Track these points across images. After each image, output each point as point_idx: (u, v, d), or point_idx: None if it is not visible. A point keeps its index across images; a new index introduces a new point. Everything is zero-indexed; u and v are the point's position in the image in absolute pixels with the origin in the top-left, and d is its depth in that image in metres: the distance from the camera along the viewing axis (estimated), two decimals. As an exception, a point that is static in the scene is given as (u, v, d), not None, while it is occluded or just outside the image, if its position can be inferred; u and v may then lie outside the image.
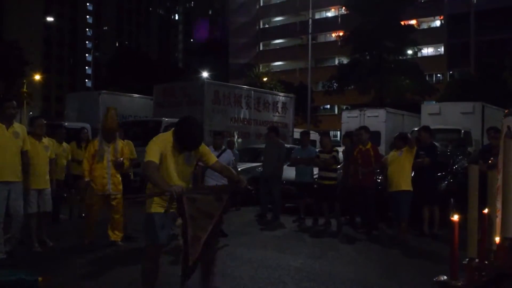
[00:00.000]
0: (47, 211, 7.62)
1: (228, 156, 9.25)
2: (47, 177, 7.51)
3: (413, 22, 44.71)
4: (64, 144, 9.90)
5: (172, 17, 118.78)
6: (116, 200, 7.79)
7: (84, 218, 8.78)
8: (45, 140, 7.69)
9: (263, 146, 12.43)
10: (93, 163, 7.74)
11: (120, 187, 7.85)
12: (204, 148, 4.90)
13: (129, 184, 8.89)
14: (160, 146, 4.62)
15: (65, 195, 10.29)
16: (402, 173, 8.75)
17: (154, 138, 4.77)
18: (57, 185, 9.15)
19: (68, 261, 6.92)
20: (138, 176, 10.39)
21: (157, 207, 4.65)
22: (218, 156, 8.28)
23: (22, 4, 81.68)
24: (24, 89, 51.79)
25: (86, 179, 7.76)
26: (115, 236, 7.80)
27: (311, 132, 23.06)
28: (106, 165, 7.71)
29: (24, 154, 6.82)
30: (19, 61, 50.94)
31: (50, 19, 77.87)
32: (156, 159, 4.53)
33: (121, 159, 7.78)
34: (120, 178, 7.88)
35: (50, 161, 7.66)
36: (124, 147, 8.11)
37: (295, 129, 19.99)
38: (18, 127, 6.82)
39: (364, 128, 9.93)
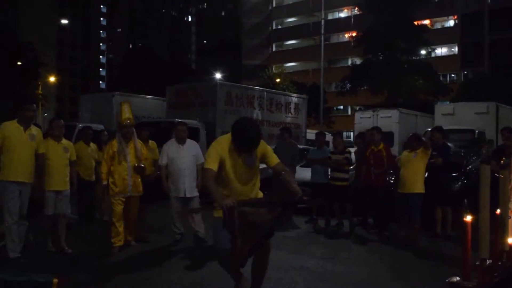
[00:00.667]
0: (64, 214, 7.48)
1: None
2: (67, 178, 7.43)
3: (427, 22, 44.51)
4: (92, 144, 9.87)
5: (185, 18, 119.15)
6: (134, 201, 7.70)
7: (106, 222, 8.70)
8: (65, 142, 7.60)
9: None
10: (112, 164, 7.57)
11: (141, 188, 7.73)
12: (266, 149, 4.76)
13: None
14: (218, 150, 4.56)
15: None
16: (415, 175, 8.71)
17: (213, 142, 4.75)
18: (88, 185, 9.20)
19: (85, 264, 6.85)
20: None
21: (220, 211, 4.51)
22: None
23: (36, 6, 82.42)
24: (39, 91, 52.25)
25: (104, 182, 7.65)
26: (129, 236, 7.79)
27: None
28: (126, 166, 7.53)
29: (39, 157, 6.89)
30: (33, 63, 51.39)
31: (64, 21, 78.41)
32: (213, 166, 4.47)
33: (142, 164, 7.58)
34: (140, 180, 7.76)
35: (70, 163, 7.54)
36: (142, 146, 7.95)
37: (308, 130, 20.00)
38: (35, 130, 6.94)
39: (376, 129, 9.90)
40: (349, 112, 53.79)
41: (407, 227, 9.00)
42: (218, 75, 50.34)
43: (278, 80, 44.98)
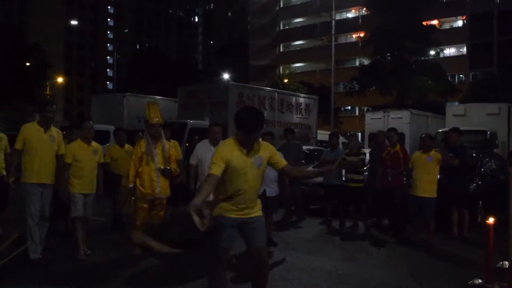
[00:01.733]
0: (88, 217, 7.39)
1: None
2: (95, 182, 7.35)
3: (435, 22, 44.39)
4: (127, 146, 9.33)
5: (192, 19, 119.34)
6: (160, 205, 7.37)
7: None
8: (94, 144, 7.47)
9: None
10: (140, 165, 7.19)
11: (168, 191, 7.34)
12: (273, 151, 4.80)
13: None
14: (222, 154, 4.53)
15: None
16: (429, 179, 8.60)
17: (218, 146, 4.75)
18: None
19: (104, 269, 6.82)
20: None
21: (220, 210, 4.61)
22: None
23: (44, 8, 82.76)
24: (47, 92, 52.44)
25: (130, 185, 7.18)
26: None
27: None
28: (154, 167, 7.14)
29: (59, 158, 6.87)
30: (41, 64, 51.53)
31: (72, 22, 78.63)
32: (216, 171, 4.44)
33: (169, 168, 7.22)
34: (168, 182, 7.41)
35: (98, 165, 7.44)
36: (170, 147, 7.60)
37: (318, 131, 19.97)
38: (55, 131, 6.90)
39: (393, 130, 9.85)
40: (357, 113, 53.73)
41: (422, 228, 8.95)
42: (225, 76, 50.38)
43: (286, 80, 44.94)
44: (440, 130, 17.87)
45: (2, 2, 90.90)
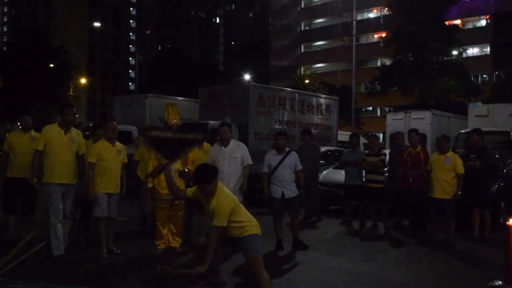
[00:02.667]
0: (113, 217, 7.47)
1: (294, 158, 8.21)
2: (119, 182, 7.40)
3: (458, 21, 43.91)
4: None
5: (213, 20, 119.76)
6: (179, 205, 7.48)
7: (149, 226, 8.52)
8: (118, 144, 7.51)
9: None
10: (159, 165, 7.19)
11: None
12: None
13: None
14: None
15: None
16: (447, 180, 8.58)
17: (227, 201, 5.38)
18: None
19: (127, 267, 6.87)
20: None
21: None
22: (282, 159, 8.02)
23: (68, 10, 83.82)
24: (70, 93, 53.11)
25: (149, 185, 7.46)
26: (176, 242, 7.56)
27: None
28: (172, 167, 7.02)
29: (80, 158, 7.01)
30: (65, 65, 52.25)
31: (95, 24, 79.54)
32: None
33: (187, 169, 7.21)
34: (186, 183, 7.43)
35: (122, 166, 7.48)
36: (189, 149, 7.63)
37: (339, 132, 19.92)
38: (75, 132, 7.03)
39: (414, 131, 9.82)
40: (378, 113, 53.43)
41: (443, 229, 8.92)
42: (246, 77, 50.47)
43: (307, 81, 44.87)
44: (462, 131, 17.67)
45: (27, 6, 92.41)
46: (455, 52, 38.64)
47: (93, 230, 7.69)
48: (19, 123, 8.63)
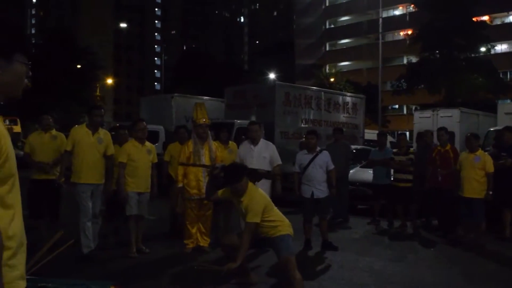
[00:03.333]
0: (143, 216, 7.51)
1: (325, 157, 8.07)
2: (149, 181, 7.43)
3: (486, 18, 43.20)
4: None
5: (237, 19, 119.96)
6: (208, 204, 7.49)
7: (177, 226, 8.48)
8: (148, 144, 7.56)
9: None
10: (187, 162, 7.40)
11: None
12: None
13: None
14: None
15: None
16: (477, 179, 8.44)
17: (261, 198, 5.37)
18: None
19: (162, 266, 6.89)
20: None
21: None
22: (313, 159, 7.92)
23: (94, 11, 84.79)
24: (97, 93, 53.72)
25: (180, 184, 7.47)
26: (204, 242, 7.58)
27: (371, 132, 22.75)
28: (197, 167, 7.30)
29: (108, 158, 7.09)
30: (92, 66, 52.87)
31: (121, 24, 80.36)
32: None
33: (217, 166, 6.98)
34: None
35: (152, 165, 7.52)
36: (217, 148, 7.76)
37: (365, 130, 19.77)
38: (103, 133, 7.11)
39: (443, 129, 9.68)
40: (405, 112, 52.90)
41: (473, 229, 8.77)
42: (271, 76, 50.42)
43: (332, 79, 44.64)
44: (491, 129, 17.40)
45: (54, 7, 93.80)
46: (483, 49, 38.01)
47: (122, 230, 7.75)
48: (37, 125, 8.66)
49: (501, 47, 48.63)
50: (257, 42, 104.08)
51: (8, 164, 1.86)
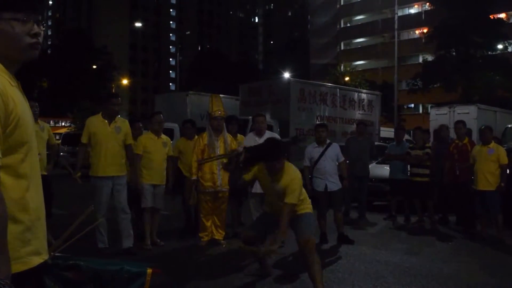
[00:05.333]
0: (159, 208, 7.51)
1: (335, 149, 8.05)
2: (164, 173, 7.41)
3: (503, 15, 42.73)
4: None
5: (252, 19, 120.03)
6: (223, 197, 7.46)
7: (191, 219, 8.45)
8: (164, 137, 7.56)
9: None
10: (203, 158, 7.32)
11: None
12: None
13: None
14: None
15: None
16: (491, 172, 8.33)
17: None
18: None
19: (177, 259, 6.85)
20: None
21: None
22: (323, 151, 7.89)
23: (110, 12, 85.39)
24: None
25: (194, 177, 7.34)
26: (219, 235, 7.52)
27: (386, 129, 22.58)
28: (216, 160, 7.19)
29: (127, 148, 6.84)
30: (108, 66, 53.25)
31: (137, 24, 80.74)
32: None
33: (239, 150, 6.83)
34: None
35: (167, 158, 7.51)
36: (232, 141, 7.61)
37: (382, 128, 19.65)
38: (121, 121, 6.86)
39: (461, 122, 9.55)
40: (421, 111, 52.48)
41: (491, 223, 8.65)
42: (286, 75, 50.30)
43: (347, 78, 44.42)
44: (509, 126, 17.23)
45: (70, 9, 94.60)
46: (500, 47, 37.62)
47: (137, 223, 7.73)
48: None
49: (518, 45, 47.97)
50: (272, 42, 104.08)
51: (19, 131, 1.79)
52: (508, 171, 8.58)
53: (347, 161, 9.10)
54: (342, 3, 64.43)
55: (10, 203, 1.74)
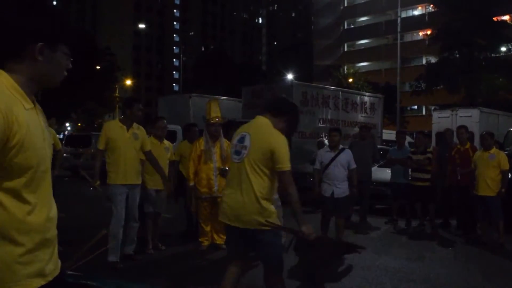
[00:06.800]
0: (161, 213, 7.53)
1: (347, 156, 7.97)
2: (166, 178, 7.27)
3: (506, 17, 42.68)
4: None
5: (256, 20, 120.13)
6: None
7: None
8: (166, 142, 7.54)
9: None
10: (199, 164, 7.29)
11: None
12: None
13: None
14: None
15: None
16: (492, 178, 8.36)
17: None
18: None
19: (178, 263, 6.91)
20: None
21: None
22: (335, 157, 7.81)
23: (114, 13, 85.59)
24: (116, 94, 54.10)
25: (191, 183, 7.31)
26: (220, 239, 7.42)
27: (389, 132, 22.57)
28: (212, 166, 7.21)
29: (147, 154, 6.64)
30: (111, 67, 53.30)
31: (140, 26, 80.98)
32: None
33: (227, 168, 6.74)
34: None
35: (169, 163, 7.50)
36: (228, 146, 7.08)
37: (384, 130, 19.65)
38: (137, 128, 6.59)
39: (464, 127, 9.60)
40: (424, 112, 52.50)
41: (492, 229, 8.68)
42: (289, 76, 50.35)
43: (350, 80, 44.45)
44: (511, 129, 17.22)
45: (75, 9, 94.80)
46: (503, 49, 37.59)
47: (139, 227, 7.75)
48: None
49: (522, 47, 47.89)
50: (275, 43, 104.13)
51: (23, 155, 1.75)
52: (510, 176, 8.61)
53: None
54: (345, 4, 64.52)
55: (9, 224, 1.74)
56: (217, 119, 7.31)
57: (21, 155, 1.75)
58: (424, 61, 48.88)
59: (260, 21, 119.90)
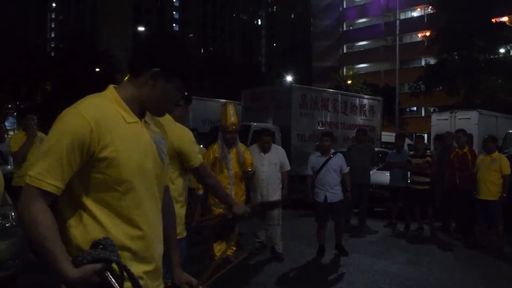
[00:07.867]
0: None
1: (339, 160, 7.84)
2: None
3: (505, 19, 42.73)
4: (200, 148, 8.51)
5: (255, 22, 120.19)
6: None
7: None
8: None
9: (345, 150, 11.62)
10: (213, 171, 6.28)
11: (244, 198, 6.76)
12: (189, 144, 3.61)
13: None
14: None
15: None
16: (493, 182, 8.41)
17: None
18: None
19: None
20: None
21: None
22: (326, 162, 7.70)
23: (113, 15, 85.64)
24: (116, 96, 54.11)
25: (200, 192, 6.58)
26: (230, 250, 6.79)
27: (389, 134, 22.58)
28: (228, 174, 6.62)
29: None
30: (111, 69, 53.28)
31: (139, 28, 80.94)
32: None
33: (250, 170, 6.79)
34: (244, 189, 6.88)
35: None
36: (246, 151, 6.99)
37: (383, 132, 19.67)
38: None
39: (462, 131, 9.61)
40: (423, 114, 52.50)
41: (491, 232, 8.71)
42: (288, 78, 50.43)
43: (349, 82, 44.48)
44: (510, 131, 17.26)
45: (74, 12, 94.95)
46: (502, 50, 37.62)
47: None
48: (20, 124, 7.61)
49: (521, 48, 47.92)
50: (275, 44, 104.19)
51: (115, 168, 1.78)
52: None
53: (348, 168, 9.03)
54: (344, 6, 64.54)
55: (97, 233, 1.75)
56: (234, 127, 6.62)
57: (114, 168, 1.76)
58: (423, 63, 48.94)
59: (260, 22, 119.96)
